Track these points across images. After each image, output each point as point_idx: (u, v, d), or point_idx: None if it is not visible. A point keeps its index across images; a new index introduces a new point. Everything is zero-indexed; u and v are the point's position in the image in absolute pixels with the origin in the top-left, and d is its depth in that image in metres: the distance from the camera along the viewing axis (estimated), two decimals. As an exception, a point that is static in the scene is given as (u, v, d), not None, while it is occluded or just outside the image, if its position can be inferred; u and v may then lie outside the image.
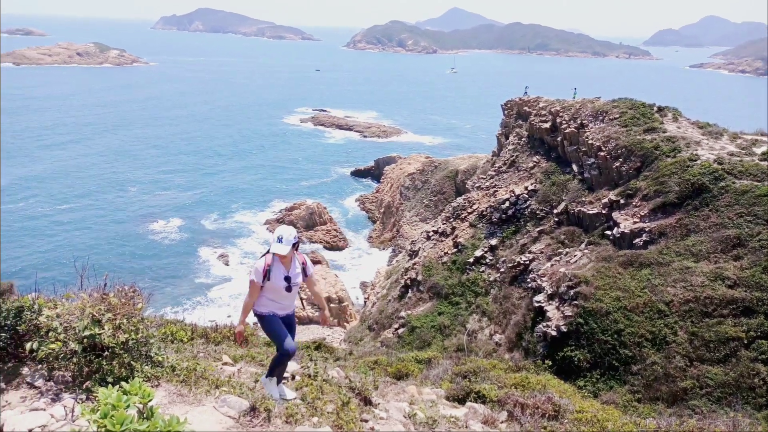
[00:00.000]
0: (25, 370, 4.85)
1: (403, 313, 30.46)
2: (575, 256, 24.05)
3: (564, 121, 31.61)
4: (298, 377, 5.71)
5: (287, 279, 5.50)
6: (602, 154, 26.80)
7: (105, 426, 2.51)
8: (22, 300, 5.14)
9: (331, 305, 42.31)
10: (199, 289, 46.69)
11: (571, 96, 36.77)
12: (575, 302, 20.03)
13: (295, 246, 5.54)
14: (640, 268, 19.85)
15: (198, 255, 52.91)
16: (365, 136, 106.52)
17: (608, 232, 23.50)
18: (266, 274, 5.48)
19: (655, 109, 29.19)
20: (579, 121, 30.42)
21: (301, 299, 6.03)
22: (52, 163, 77.34)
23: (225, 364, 6.81)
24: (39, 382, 4.68)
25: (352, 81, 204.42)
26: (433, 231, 36.86)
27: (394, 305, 33.16)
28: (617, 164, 25.72)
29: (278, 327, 5.54)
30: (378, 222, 61.87)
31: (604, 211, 24.86)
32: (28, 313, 4.91)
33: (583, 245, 24.54)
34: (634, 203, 23.49)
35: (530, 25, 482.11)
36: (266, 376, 5.48)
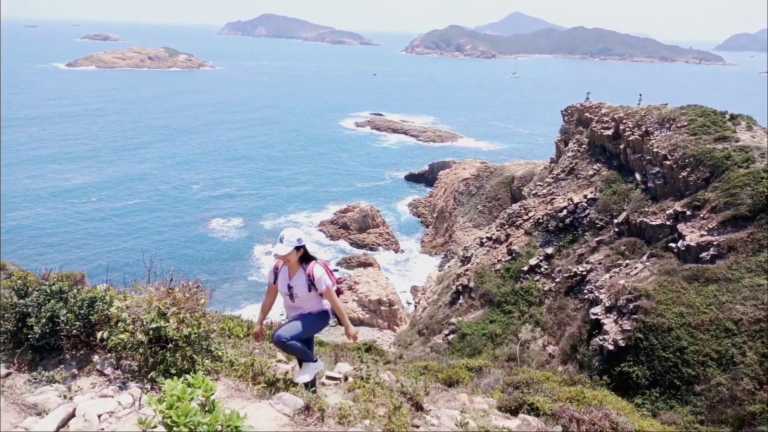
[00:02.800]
0: (95, 357, 5.13)
1: (453, 320, 30.21)
2: (636, 268, 23.15)
3: (627, 128, 30.54)
4: (350, 379, 5.77)
5: (289, 288, 5.33)
6: (668, 162, 25.71)
7: (170, 417, 2.62)
8: (94, 291, 5.44)
9: (382, 308, 42.47)
10: (253, 287, 47.90)
11: (636, 102, 35.50)
12: (635, 316, 19.29)
13: (299, 250, 5.25)
14: (707, 283, 18.90)
15: (253, 254, 54.33)
16: (420, 141, 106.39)
17: (672, 245, 22.50)
18: (276, 277, 5.44)
19: (728, 117, 27.73)
20: (644, 129, 29.30)
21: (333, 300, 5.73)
22: (124, 165, 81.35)
23: (279, 361, 6.95)
24: (108, 370, 4.94)
25: (409, 85, 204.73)
26: (487, 237, 36.39)
27: (444, 311, 32.94)
28: (684, 174, 24.60)
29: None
30: (431, 227, 61.65)
31: (668, 223, 23.81)
32: (100, 303, 5.19)
33: (644, 257, 23.59)
34: (701, 215, 22.39)
35: (593, 29, 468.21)
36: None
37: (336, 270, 5.66)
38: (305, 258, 5.35)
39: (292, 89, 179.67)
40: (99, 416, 4.20)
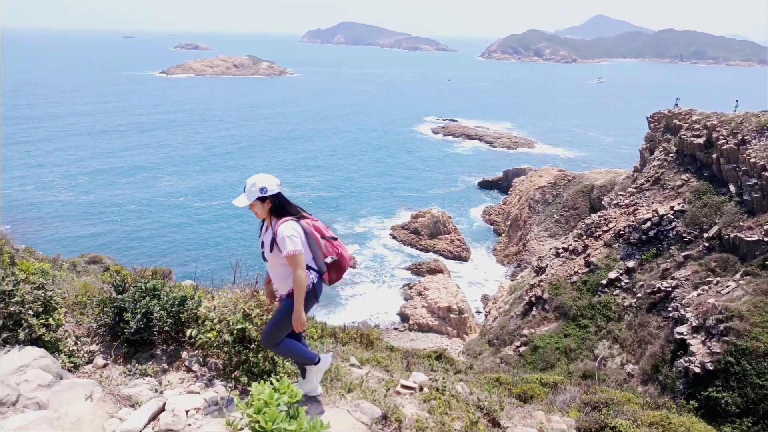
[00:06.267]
0: (183, 353, 5.41)
1: (525, 331, 29.41)
2: (728, 286, 21.59)
3: (721, 137, 28.59)
4: (426, 389, 5.73)
5: (262, 245, 4.60)
6: (767, 174, 23.83)
7: (258, 422, 2.70)
8: (184, 290, 5.75)
9: (451, 315, 42.04)
10: (326, 290, 48.73)
11: (732, 109, 33.20)
12: (725, 338, 17.99)
13: (266, 202, 4.42)
14: (811, 307, 17.33)
15: (327, 257, 55.25)
16: (495, 147, 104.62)
17: (771, 263, 20.81)
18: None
19: (839, 125, 25.37)
20: (740, 137, 27.34)
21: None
22: (210, 173, 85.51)
23: (352, 365, 7.02)
24: (195, 367, 5.19)
25: (484, 91, 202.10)
26: (563, 248, 35.18)
27: (516, 322, 32.14)
28: (786, 187, 22.72)
29: None
30: (503, 235, 60.40)
31: (766, 239, 22.06)
32: (190, 302, 5.48)
33: (737, 275, 21.95)
34: (806, 232, 20.58)
35: (684, 32, 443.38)
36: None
37: (354, 254, 5.03)
38: (278, 212, 4.48)
39: (368, 96, 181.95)
40: (187, 412, 4.41)
